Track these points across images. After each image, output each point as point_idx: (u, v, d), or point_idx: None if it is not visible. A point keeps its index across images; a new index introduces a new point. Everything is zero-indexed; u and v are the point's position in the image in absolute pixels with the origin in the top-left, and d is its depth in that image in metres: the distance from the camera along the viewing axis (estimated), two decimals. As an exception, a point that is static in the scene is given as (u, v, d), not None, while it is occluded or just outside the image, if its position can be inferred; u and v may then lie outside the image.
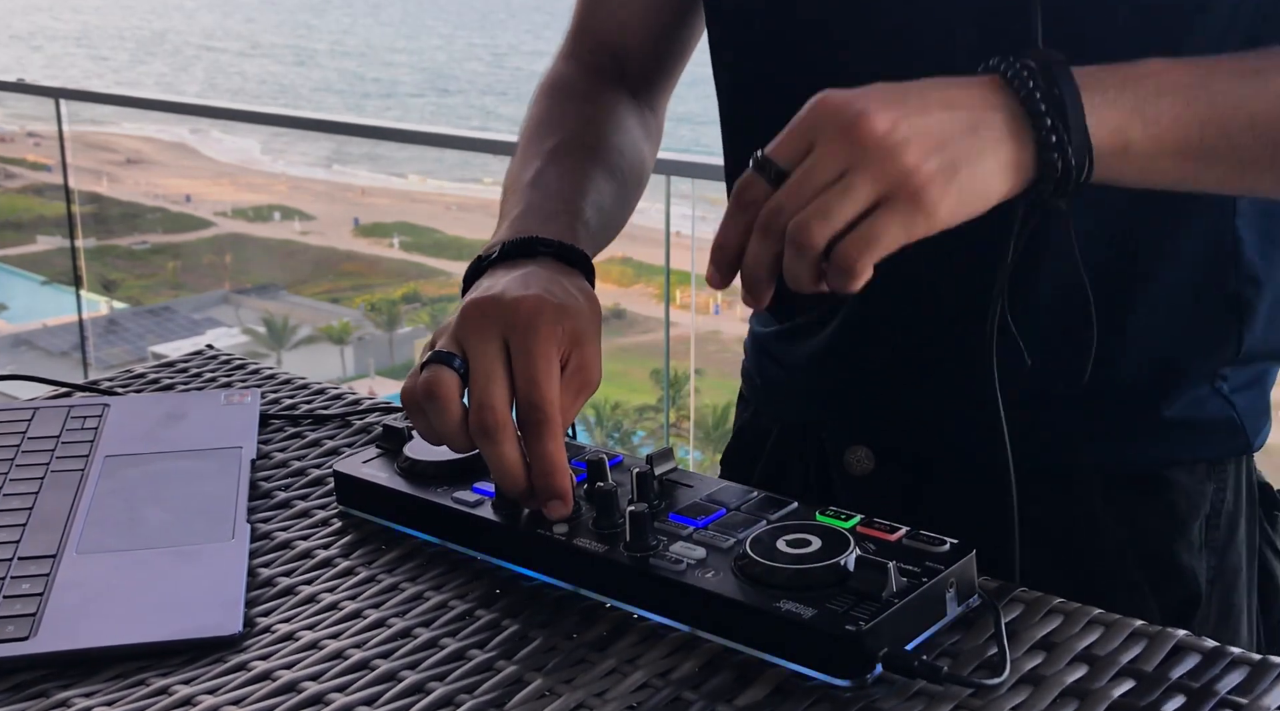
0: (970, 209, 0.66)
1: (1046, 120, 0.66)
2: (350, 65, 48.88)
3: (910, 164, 0.64)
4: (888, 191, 0.65)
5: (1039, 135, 0.66)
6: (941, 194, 0.65)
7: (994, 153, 0.66)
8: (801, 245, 0.65)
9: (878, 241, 0.65)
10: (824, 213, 0.65)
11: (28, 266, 8.25)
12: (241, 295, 10.78)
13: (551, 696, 0.62)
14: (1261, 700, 0.59)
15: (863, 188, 0.65)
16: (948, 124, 0.66)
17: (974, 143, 0.66)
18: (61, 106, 4.62)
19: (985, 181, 0.66)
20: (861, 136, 0.65)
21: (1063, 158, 0.66)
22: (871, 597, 0.62)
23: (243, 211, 11.54)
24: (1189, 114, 0.68)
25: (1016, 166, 0.67)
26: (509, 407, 0.70)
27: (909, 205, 0.64)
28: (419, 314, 12.71)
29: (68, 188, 4.91)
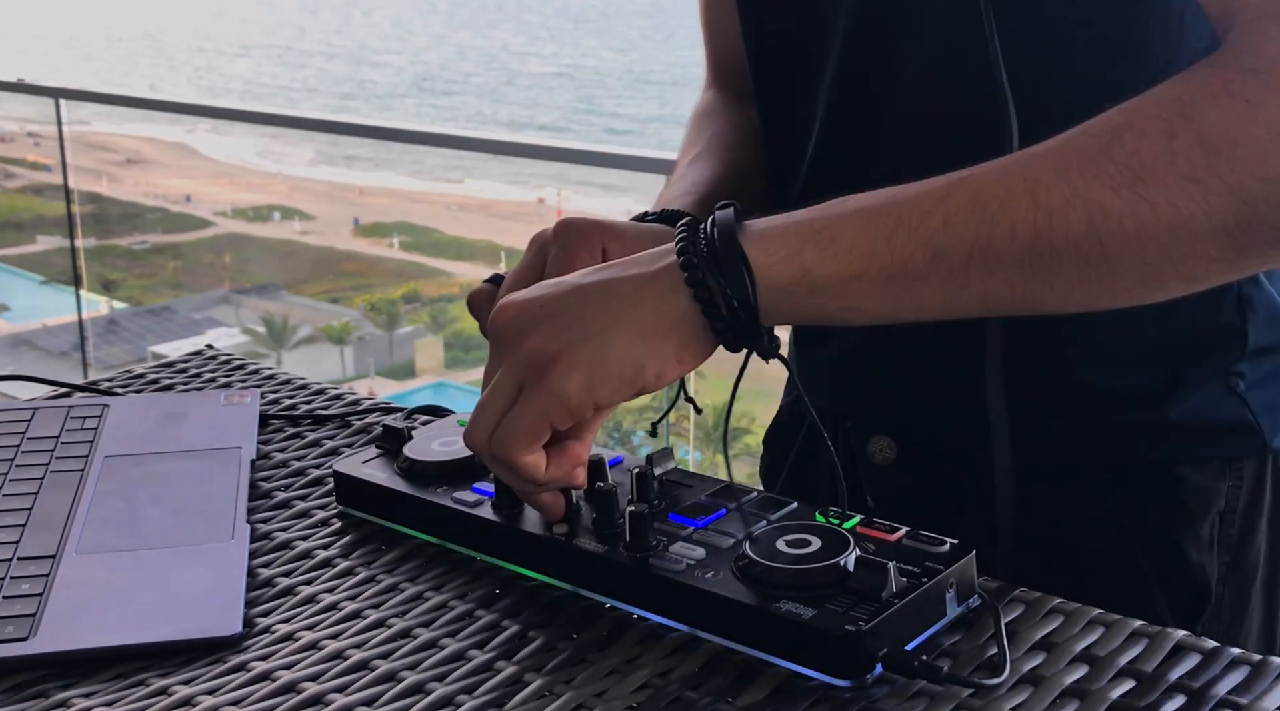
0: (616, 381, 0.64)
1: (693, 259, 0.64)
2: (341, 66, 48.94)
3: (531, 348, 0.64)
4: (523, 378, 0.65)
5: (689, 277, 0.64)
6: (567, 372, 0.64)
7: (630, 318, 0.64)
8: (472, 449, 0.68)
9: (517, 431, 0.65)
10: (477, 418, 0.67)
11: (28, 266, 8.25)
12: (241, 295, 10.78)
13: (551, 696, 0.62)
14: (1261, 700, 0.59)
15: (505, 382, 0.66)
16: (584, 298, 0.65)
17: (606, 312, 0.64)
18: (62, 106, 4.62)
19: (624, 350, 0.64)
20: (496, 330, 0.67)
21: (721, 296, 0.63)
22: (871, 597, 0.62)
23: (242, 211, 11.54)
24: (873, 227, 0.64)
25: (668, 323, 0.64)
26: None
27: (538, 390, 0.64)
28: (419, 314, 12.70)
29: (68, 188, 4.91)
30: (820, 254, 0.64)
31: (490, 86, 43.23)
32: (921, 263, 0.63)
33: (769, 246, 0.64)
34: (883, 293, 0.64)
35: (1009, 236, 0.63)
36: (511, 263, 0.79)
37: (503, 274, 0.79)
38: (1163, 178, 0.61)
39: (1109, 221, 0.62)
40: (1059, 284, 0.64)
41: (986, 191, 0.63)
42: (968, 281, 0.64)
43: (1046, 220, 0.62)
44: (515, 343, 0.65)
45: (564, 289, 0.66)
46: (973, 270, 0.63)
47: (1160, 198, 0.61)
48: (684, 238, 0.66)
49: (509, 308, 0.66)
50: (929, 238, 0.63)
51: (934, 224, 0.63)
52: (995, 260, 0.63)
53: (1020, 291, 0.64)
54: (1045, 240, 0.62)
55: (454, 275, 13.05)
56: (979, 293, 0.65)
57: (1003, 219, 0.63)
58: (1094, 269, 0.63)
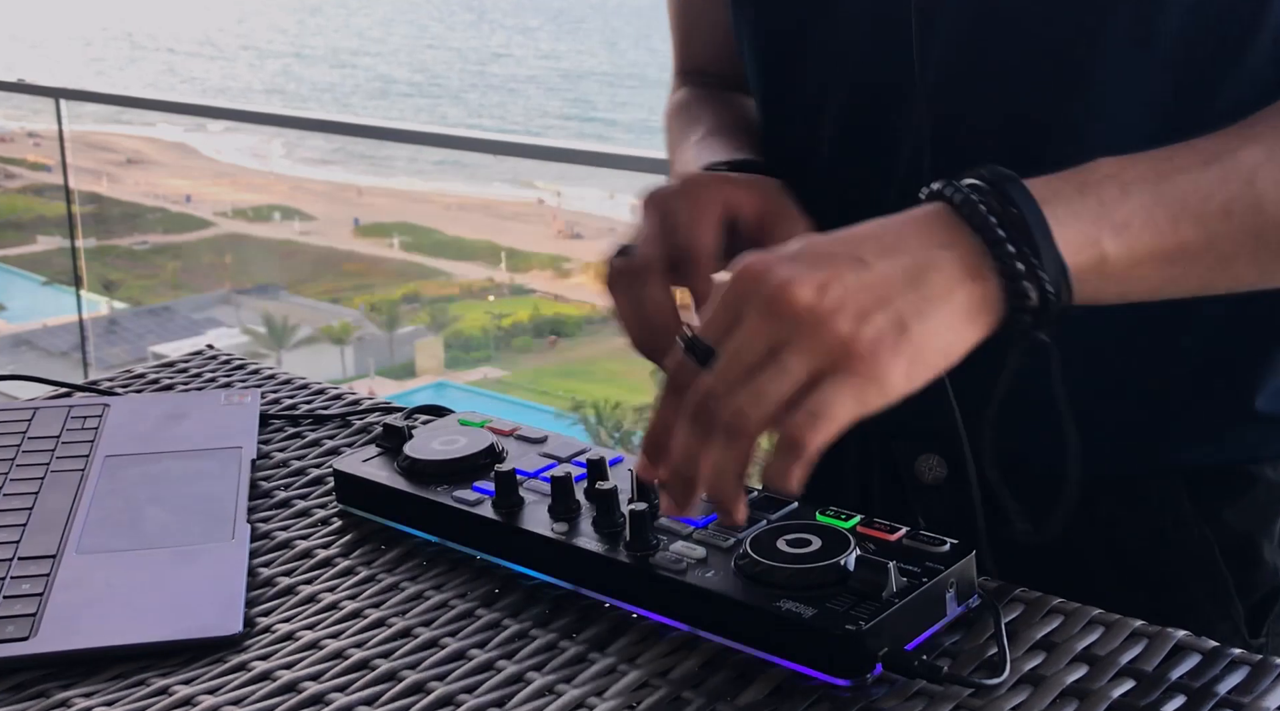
0: (931, 369, 0.59)
1: (1009, 247, 0.59)
2: (337, 66, 48.99)
3: (846, 332, 0.58)
4: (828, 365, 0.58)
5: (1003, 266, 0.59)
6: (891, 360, 0.58)
7: (947, 301, 0.59)
8: (734, 431, 0.59)
9: (828, 417, 0.57)
10: (757, 395, 0.58)
11: (28, 266, 8.26)
12: (241, 295, 10.78)
13: (552, 695, 0.62)
14: (1261, 700, 0.59)
15: (797, 364, 0.58)
16: (889, 276, 0.59)
17: (919, 293, 0.59)
18: (62, 106, 4.63)
19: (943, 336, 0.59)
20: (787, 309, 0.58)
21: (1036, 286, 0.59)
22: (871, 597, 0.62)
23: (243, 211, 11.55)
24: (1160, 212, 0.62)
25: (981, 307, 0.60)
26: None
27: (856, 376, 0.58)
28: (419, 314, 12.71)
29: (68, 188, 4.92)
30: (1116, 240, 0.62)
31: (458, 90, 43.29)
32: (1200, 247, 0.63)
33: (1066, 231, 0.61)
34: (1159, 276, 0.64)
35: (1277, 226, 0.64)
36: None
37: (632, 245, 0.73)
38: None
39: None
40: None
41: (1261, 176, 0.63)
42: (1233, 264, 0.65)
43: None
44: (817, 327, 0.58)
45: (856, 264, 0.59)
46: (1241, 255, 0.65)
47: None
48: (982, 220, 0.60)
49: (799, 286, 0.58)
50: (1210, 223, 0.63)
51: (1215, 209, 0.63)
52: (1264, 247, 0.64)
53: (1271, 273, 0.67)
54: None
55: (454, 275, 13.05)
56: (1235, 276, 0.66)
57: (1275, 208, 0.64)
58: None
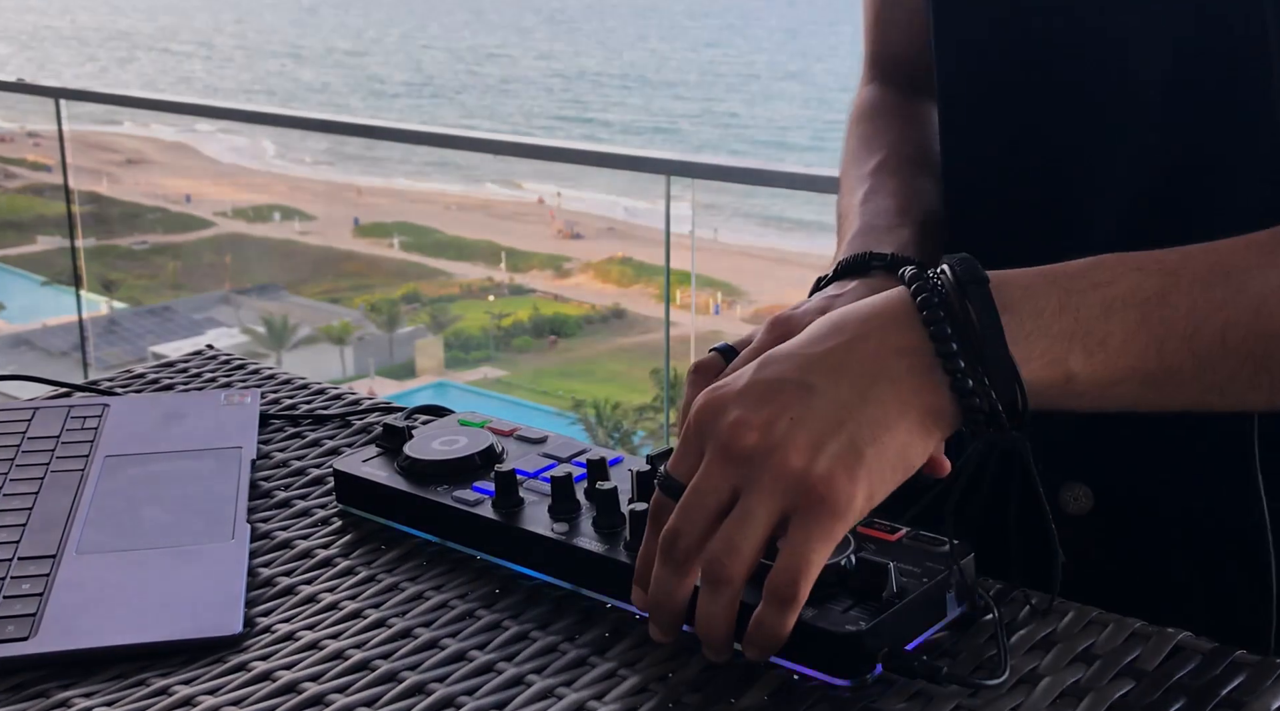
0: (892, 483, 0.58)
1: (960, 361, 0.58)
2: (334, 66, 48.97)
3: (798, 468, 0.57)
4: (789, 503, 0.57)
5: (953, 381, 0.58)
6: (849, 489, 0.57)
7: (901, 416, 0.58)
8: (716, 581, 0.59)
9: (808, 562, 0.57)
10: (731, 547, 0.58)
11: (28, 266, 8.25)
12: (241, 295, 10.79)
13: (552, 698, 0.62)
14: (1262, 700, 0.59)
15: (760, 508, 0.58)
16: (838, 401, 0.58)
17: (874, 414, 0.58)
18: (61, 106, 4.62)
19: (899, 452, 0.58)
20: (738, 451, 0.58)
21: (986, 401, 0.58)
22: (871, 597, 0.62)
23: (243, 211, 11.55)
24: (1144, 333, 0.59)
25: (936, 417, 0.59)
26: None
27: (818, 512, 0.57)
28: (419, 314, 12.71)
29: (68, 188, 4.92)
30: (1086, 359, 0.59)
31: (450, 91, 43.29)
32: (1189, 372, 0.59)
33: (1033, 347, 0.58)
34: (1139, 396, 0.60)
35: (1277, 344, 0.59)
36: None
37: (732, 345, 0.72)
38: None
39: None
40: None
41: (1271, 304, 0.59)
42: (1229, 390, 0.60)
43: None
44: (770, 466, 0.57)
45: (803, 393, 0.58)
46: (1239, 381, 0.60)
47: None
48: (936, 327, 0.58)
49: (746, 427, 0.58)
50: (1203, 350, 0.59)
51: (1211, 335, 0.59)
52: (1265, 374, 0.60)
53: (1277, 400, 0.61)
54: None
55: (454, 275, 13.05)
56: (1235, 399, 0.61)
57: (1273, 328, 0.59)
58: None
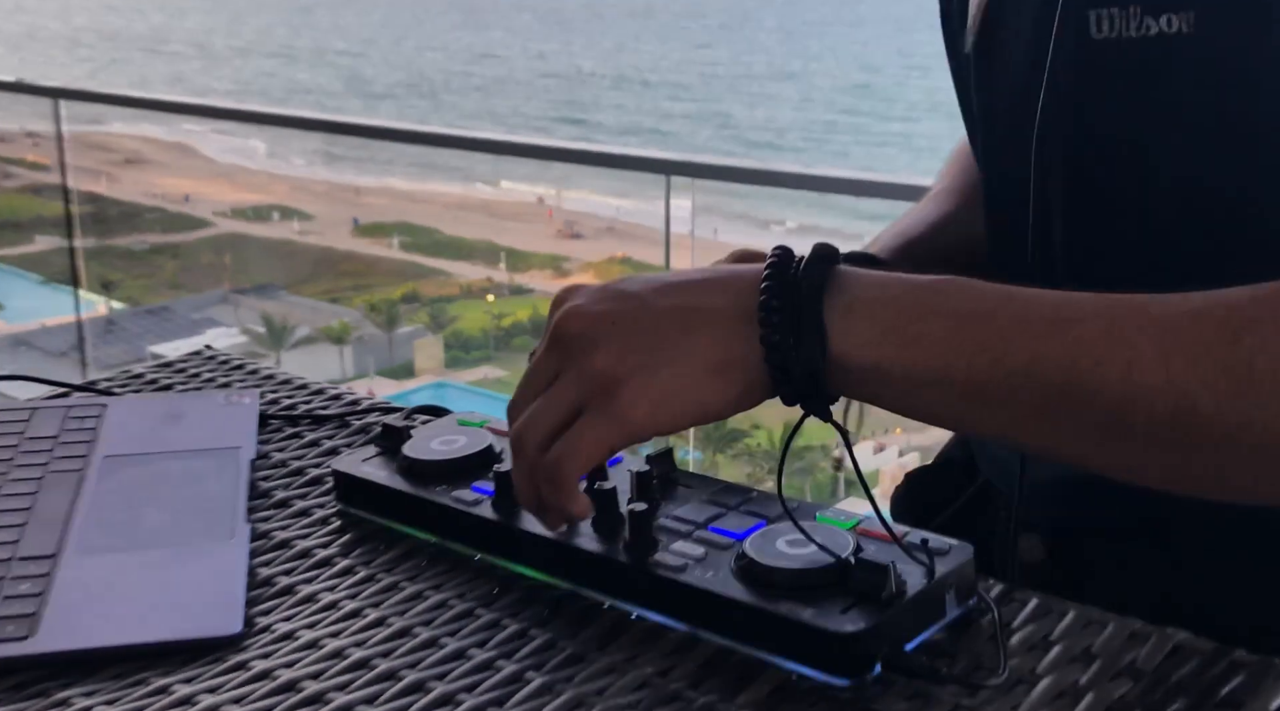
0: (678, 415, 0.62)
1: (774, 318, 0.61)
2: (330, 66, 48.97)
3: (601, 366, 0.62)
4: (586, 396, 0.62)
5: (764, 333, 0.61)
6: (633, 401, 0.61)
7: (702, 354, 0.62)
8: (516, 450, 0.65)
9: (579, 450, 0.62)
10: (532, 421, 0.64)
11: (26, 266, 8.25)
12: (240, 295, 10.78)
13: (551, 695, 0.62)
14: (1262, 701, 0.59)
15: (563, 393, 0.63)
16: (660, 319, 0.62)
17: (681, 342, 0.62)
18: (61, 107, 4.62)
19: (691, 386, 0.62)
20: (562, 337, 0.64)
21: (788, 359, 0.61)
22: (871, 597, 0.62)
23: (242, 211, 11.54)
24: (956, 341, 0.60)
25: (736, 365, 0.62)
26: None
27: (603, 410, 0.62)
28: (418, 314, 12.71)
29: (66, 187, 4.91)
30: (898, 353, 0.61)
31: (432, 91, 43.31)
32: (996, 394, 0.60)
33: (851, 325, 0.61)
34: (945, 406, 0.62)
35: (1090, 399, 0.59)
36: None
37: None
38: (1269, 395, 0.57)
39: (1196, 419, 0.58)
40: (1127, 453, 0.61)
41: (1085, 345, 0.59)
42: (1035, 425, 0.61)
43: (1132, 399, 0.58)
44: (581, 356, 0.63)
45: (636, 305, 0.64)
46: (1045, 417, 0.61)
47: (1258, 415, 0.57)
48: (769, 285, 0.62)
49: (577, 317, 0.64)
50: (1011, 373, 0.60)
51: (1021, 360, 0.60)
52: (1069, 416, 0.60)
53: (1084, 450, 0.62)
54: (1126, 415, 0.59)
55: (454, 275, 13.05)
56: (1043, 439, 0.62)
57: (1091, 381, 0.59)
58: (1166, 454, 0.60)
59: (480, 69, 48.17)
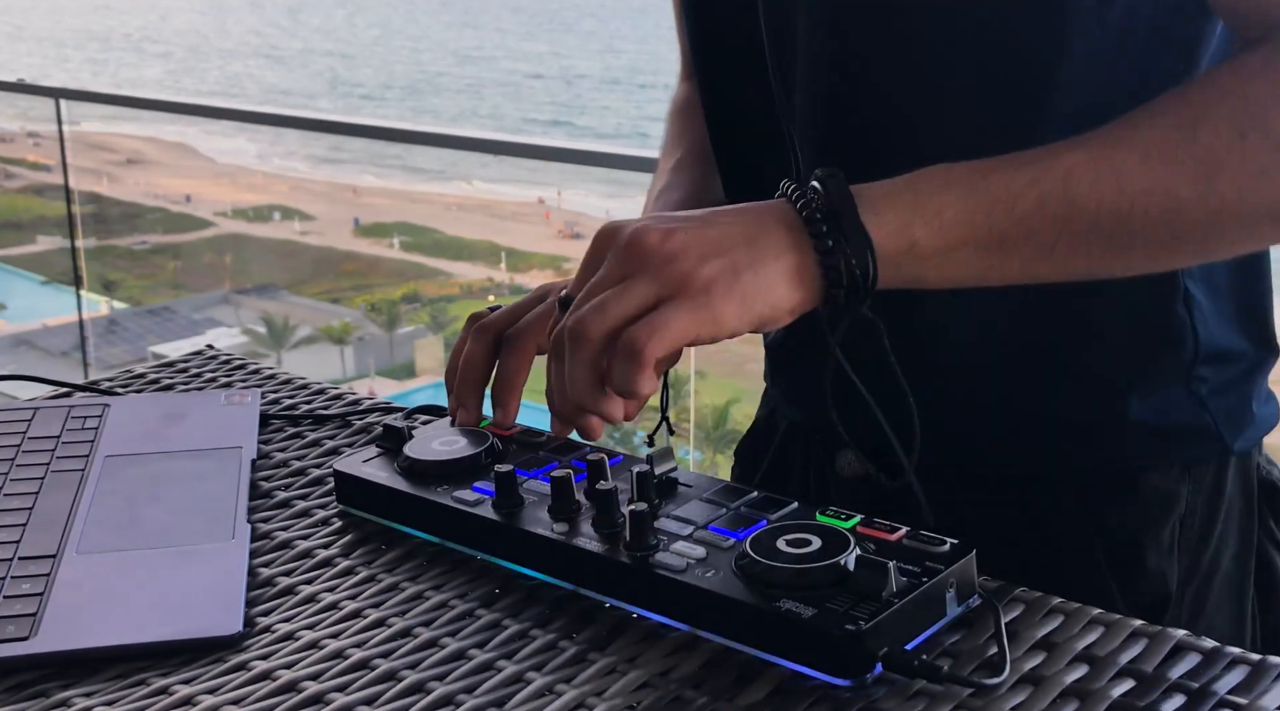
0: (757, 314, 0.67)
1: (822, 226, 0.67)
2: (324, 66, 48.92)
3: (687, 268, 0.66)
4: (670, 291, 0.66)
5: (816, 241, 0.67)
6: (725, 295, 0.66)
7: (775, 261, 0.67)
8: (575, 338, 0.67)
9: (665, 329, 0.65)
10: (599, 307, 0.66)
11: (28, 266, 8.25)
12: (241, 295, 10.78)
13: (551, 695, 0.62)
14: (1261, 700, 0.59)
15: (640, 287, 0.66)
16: (727, 234, 0.68)
17: (752, 251, 0.67)
18: (62, 107, 4.62)
19: (769, 287, 0.67)
20: (636, 251, 0.67)
21: (844, 261, 0.67)
22: (871, 597, 0.62)
23: (243, 211, 11.55)
24: (972, 203, 0.68)
25: (800, 274, 0.68)
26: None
27: (694, 302, 0.66)
28: (419, 314, 12.71)
29: (68, 188, 4.91)
30: (927, 227, 0.68)
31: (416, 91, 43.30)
32: (1016, 238, 0.69)
33: (881, 216, 0.68)
34: (978, 262, 0.69)
35: (1094, 218, 0.68)
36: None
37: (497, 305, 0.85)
38: (1234, 172, 0.68)
39: (1183, 210, 0.68)
40: (1129, 258, 0.71)
41: (1077, 174, 0.68)
42: (1053, 254, 0.70)
43: (1128, 206, 0.68)
44: (662, 262, 0.66)
45: (700, 224, 0.68)
46: (1059, 246, 0.69)
47: (1229, 190, 0.68)
48: (803, 202, 0.68)
49: (649, 232, 0.67)
50: (1024, 215, 0.68)
51: (1029, 203, 0.68)
52: (1080, 238, 0.69)
53: (1095, 264, 0.71)
54: (1125, 223, 0.68)
55: (454, 275, 13.05)
56: (1060, 264, 0.70)
57: (1090, 203, 0.68)
58: (1162, 247, 0.71)
59: (463, 70, 48.12)
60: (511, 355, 0.81)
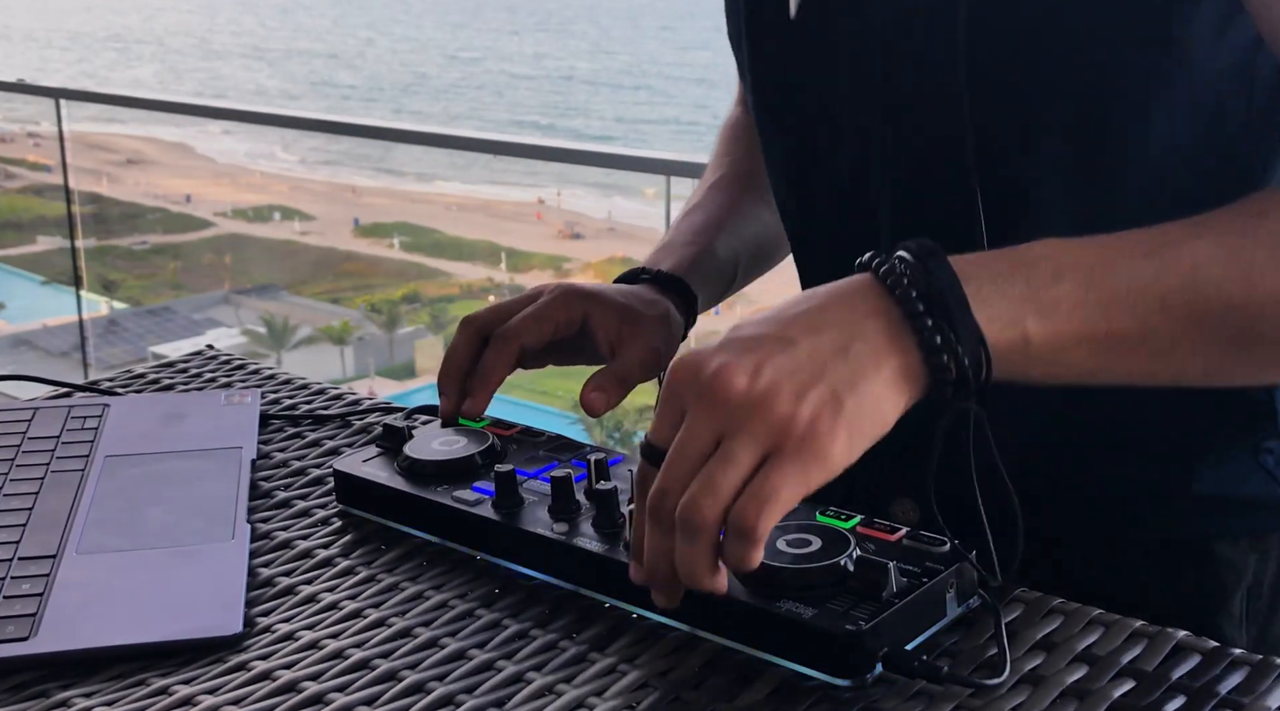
0: (869, 437, 0.61)
1: (927, 320, 0.61)
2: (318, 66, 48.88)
3: (784, 413, 0.59)
4: (771, 446, 0.59)
5: (921, 338, 0.61)
6: (831, 434, 0.59)
7: (876, 372, 0.61)
8: (691, 524, 0.60)
9: (775, 497, 0.59)
10: (709, 487, 0.59)
11: (28, 266, 8.26)
12: (241, 295, 10.79)
13: (551, 695, 0.62)
14: (1261, 700, 0.59)
15: (743, 451, 0.59)
16: (817, 353, 0.61)
17: (852, 366, 0.60)
18: (62, 107, 4.62)
19: (875, 406, 0.61)
20: (724, 398, 0.60)
21: (954, 359, 0.61)
22: (871, 597, 0.62)
23: (242, 212, 11.56)
24: (1091, 299, 0.62)
25: (906, 376, 0.61)
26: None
27: (799, 454, 0.59)
28: (419, 314, 12.71)
29: (68, 188, 4.92)
30: (1040, 322, 0.62)
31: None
32: (1135, 336, 0.63)
33: (990, 309, 0.62)
34: (1092, 361, 0.64)
35: (1220, 320, 0.63)
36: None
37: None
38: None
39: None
40: (1250, 362, 0.66)
41: (1204, 271, 0.63)
42: (1170, 356, 0.65)
43: (1260, 309, 0.63)
44: (755, 411, 0.59)
45: (782, 346, 0.61)
46: (1181, 346, 0.64)
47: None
48: (903, 290, 0.62)
49: (733, 374, 0.60)
50: (1146, 315, 0.63)
51: (1151, 300, 0.63)
52: (1204, 340, 0.64)
53: (1213, 367, 0.66)
54: (1255, 326, 0.63)
55: (454, 275, 13.06)
56: (1180, 366, 0.65)
57: (1218, 303, 0.63)
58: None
59: (452, 71, 48.03)
60: (494, 352, 0.83)
